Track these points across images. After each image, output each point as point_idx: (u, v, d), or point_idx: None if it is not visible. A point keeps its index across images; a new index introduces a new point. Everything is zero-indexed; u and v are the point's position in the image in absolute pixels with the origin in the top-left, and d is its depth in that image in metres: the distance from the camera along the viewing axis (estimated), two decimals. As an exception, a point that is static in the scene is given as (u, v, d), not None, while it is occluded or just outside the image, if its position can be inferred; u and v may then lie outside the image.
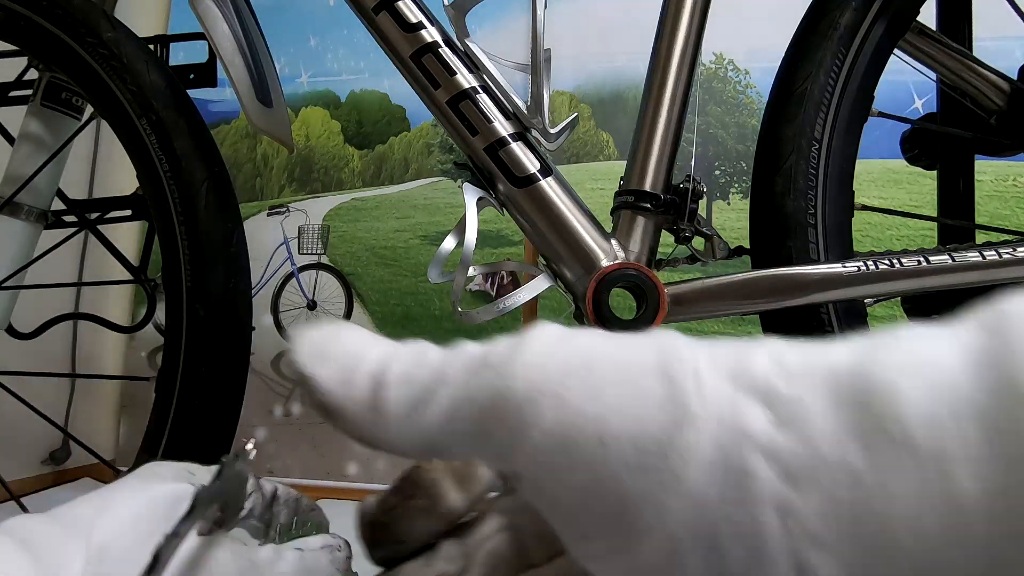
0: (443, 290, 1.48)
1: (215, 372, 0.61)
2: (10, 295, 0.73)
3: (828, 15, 0.59)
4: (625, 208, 0.59)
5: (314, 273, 1.58)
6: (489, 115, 0.58)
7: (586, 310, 0.56)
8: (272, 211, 1.63)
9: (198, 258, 0.62)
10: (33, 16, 0.65)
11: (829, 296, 0.54)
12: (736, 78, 1.44)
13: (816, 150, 0.58)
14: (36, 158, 0.73)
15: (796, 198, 0.57)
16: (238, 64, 0.61)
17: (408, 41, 0.58)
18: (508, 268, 0.63)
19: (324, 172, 1.63)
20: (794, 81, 0.59)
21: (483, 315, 0.57)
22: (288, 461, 1.51)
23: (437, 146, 1.58)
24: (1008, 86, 0.71)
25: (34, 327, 0.77)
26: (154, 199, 0.64)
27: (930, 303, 0.77)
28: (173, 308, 0.63)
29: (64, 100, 0.74)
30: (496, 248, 1.48)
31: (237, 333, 0.63)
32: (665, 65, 0.59)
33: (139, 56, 0.64)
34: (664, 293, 0.55)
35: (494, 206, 0.60)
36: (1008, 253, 0.53)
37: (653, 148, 0.59)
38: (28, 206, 0.73)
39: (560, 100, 1.51)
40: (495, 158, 0.58)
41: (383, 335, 0.20)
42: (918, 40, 0.70)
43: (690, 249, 0.60)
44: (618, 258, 0.57)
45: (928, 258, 0.54)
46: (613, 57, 1.50)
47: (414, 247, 1.54)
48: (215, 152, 0.66)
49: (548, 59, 0.59)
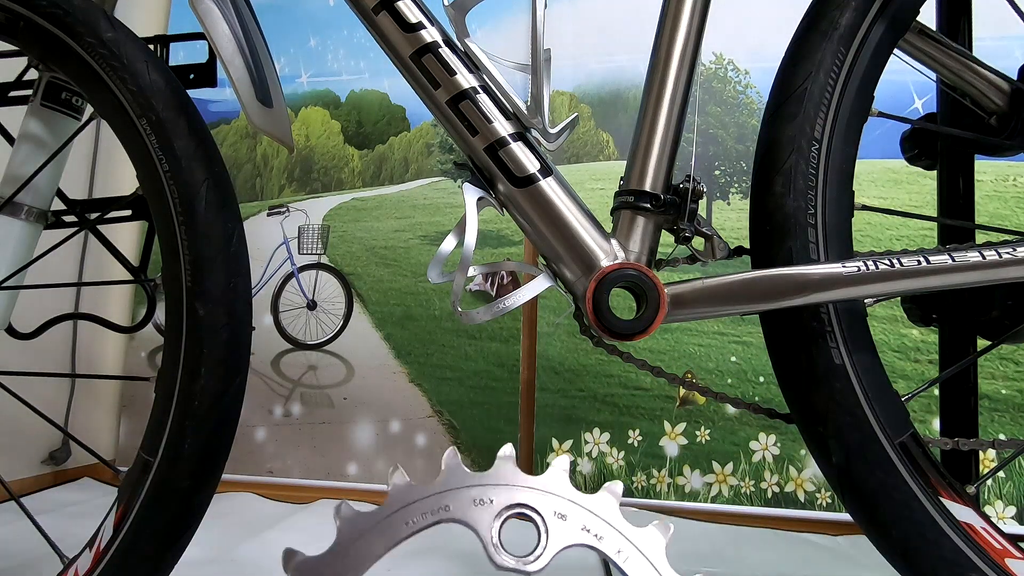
0: (443, 290, 1.48)
1: (215, 372, 0.61)
2: (10, 295, 0.73)
3: (828, 15, 0.59)
4: (625, 208, 0.59)
5: (314, 273, 1.58)
6: (489, 115, 0.58)
7: (586, 310, 0.56)
8: (272, 211, 1.63)
9: (198, 258, 0.62)
10: (33, 16, 0.65)
11: (829, 296, 0.54)
12: (736, 78, 1.44)
13: (816, 150, 0.58)
14: (36, 158, 0.73)
15: (796, 198, 0.57)
16: (238, 64, 0.61)
17: (408, 41, 0.58)
18: (508, 268, 0.63)
19: (324, 172, 1.63)
20: (794, 81, 0.59)
21: (483, 315, 0.57)
22: (288, 461, 1.51)
23: (437, 146, 1.58)
24: (1008, 86, 0.71)
25: (34, 327, 0.77)
26: (154, 199, 0.64)
27: (930, 303, 0.77)
28: (173, 308, 0.63)
29: (64, 100, 0.74)
30: (496, 248, 1.48)
31: (237, 333, 0.63)
32: (665, 65, 0.59)
33: (139, 56, 0.64)
34: (664, 293, 0.55)
35: (494, 206, 0.60)
36: (1008, 253, 0.53)
37: (653, 148, 0.59)
38: (28, 206, 0.73)
39: (560, 100, 1.51)
40: (495, 158, 0.58)
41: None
42: (918, 40, 0.70)
43: (690, 249, 0.60)
44: (618, 258, 0.57)
45: (928, 258, 0.54)
46: (613, 57, 1.50)
47: (414, 247, 1.54)
48: (215, 152, 0.66)
49: (548, 59, 0.59)
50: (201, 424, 0.61)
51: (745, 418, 1.34)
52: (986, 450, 1.16)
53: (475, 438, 1.44)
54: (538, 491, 0.51)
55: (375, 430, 1.49)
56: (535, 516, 0.50)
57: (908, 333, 1.31)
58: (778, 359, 0.60)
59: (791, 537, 1.24)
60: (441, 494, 0.51)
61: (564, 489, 0.51)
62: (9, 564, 0.98)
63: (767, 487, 1.32)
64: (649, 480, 1.36)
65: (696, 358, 1.39)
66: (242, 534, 1.15)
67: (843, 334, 0.57)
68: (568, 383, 1.41)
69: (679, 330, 1.40)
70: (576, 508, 0.50)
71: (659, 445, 1.37)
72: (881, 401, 0.56)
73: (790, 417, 0.61)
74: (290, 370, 1.55)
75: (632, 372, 1.39)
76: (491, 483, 0.51)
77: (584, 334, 0.61)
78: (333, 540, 0.50)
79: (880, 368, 0.58)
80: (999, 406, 1.26)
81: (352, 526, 0.50)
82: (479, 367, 1.45)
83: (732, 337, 1.38)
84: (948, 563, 0.53)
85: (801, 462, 1.32)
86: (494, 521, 0.50)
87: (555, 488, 0.51)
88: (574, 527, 0.50)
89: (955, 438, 0.63)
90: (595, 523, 0.50)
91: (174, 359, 0.62)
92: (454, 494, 0.51)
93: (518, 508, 0.51)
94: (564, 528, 0.50)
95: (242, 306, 0.64)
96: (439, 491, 0.51)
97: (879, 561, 0.56)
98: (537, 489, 0.51)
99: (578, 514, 0.50)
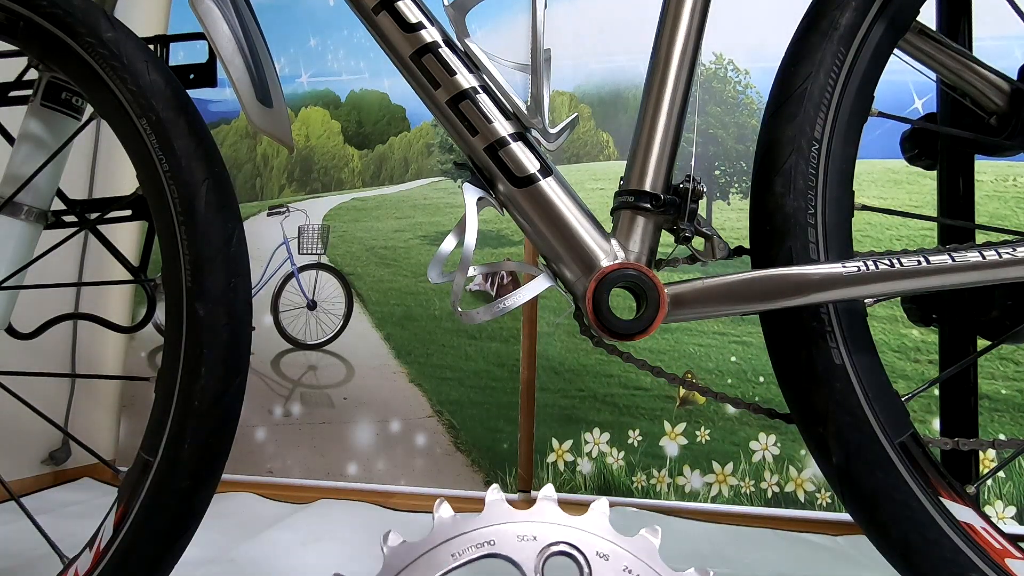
0: (443, 290, 1.48)
1: (215, 372, 0.61)
2: (10, 295, 0.73)
3: (828, 15, 0.59)
4: (625, 208, 0.59)
5: (314, 273, 1.58)
6: (489, 115, 0.58)
7: (586, 310, 0.56)
8: (272, 211, 1.63)
9: (198, 258, 0.62)
10: (33, 16, 0.65)
11: (829, 296, 0.54)
12: (736, 78, 1.44)
13: (816, 150, 0.58)
14: (36, 158, 0.73)
15: (796, 198, 0.57)
16: (238, 64, 0.61)
17: (408, 41, 0.58)
18: (508, 268, 0.63)
19: (324, 172, 1.63)
20: (794, 81, 0.59)
21: (483, 315, 0.57)
22: (288, 461, 1.51)
23: (437, 146, 1.58)
24: (1008, 86, 0.71)
25: (34, 327, 0.77)
26: (154, 199, 0.64)
27: (930, 303, 0.77)
28: (173, 308, 0.63)
29: (64, 100, 0.74)
30: (496, 248, 1.48)
31: (237, 333, 0.63)
32: (665, 65, 0.59)
33: (139, 56, 0.64)
34: (664, 293, 0.55)
35: (494, 206, 0.60)
36: (1008, 253, 0.53)
37: (653, 148, 0.59)
38: (28, 206, 0.73)
39: (560, 100, 1.51)
40: (495, 158, 0.58)
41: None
42: (918, 40, 0.70)
43: (690, 249, 0.60)
44: (618, 258, 0.57)
45: (928, 258, 0.54)
46: (613, 57, 1.50)
47: (414, 247, 1.54)
48: (215, 152, 0.66)
49: (548, 59, 0.59)
50: (201, 424, 0.61)
51: (745, 418, 1.34)
52: (986, 450, 1.16)
53: (475, 438, 1.44)
54: (581, 531, 0.52)
55: (375, 430, 1.49)
56: (578, 555, 0.52)
57: (908, 333, 1.31)
58: (778, 359, 0.60)
59: (791, 537, 1.24)
60: (486, 528, 0.52)
61: (605, 530, 0.53)
62: (9, 564, 0.98)
63: (767, 487, 1.32)
64: (649, 480, 1.36)
65: (696, 358, 1.39)
66: (242, 534, 1.15)
67: (843, 334, 0.57)
68: (568, 383, 1.42)
69: (679, 330, 1.40)
70: (618, 549, 0.52)
71: (659, 445, 1.37)
72: (881, 401, 0.56)
73: (790, 417, 0.61)
74: (290, 370, 1.55)
75: (632, 372, 1.39)
76: (535, 520, 0.52)
77: (584, 334, 0.61)
78: (380, 568, 0.51)
79: (880, 368, 0.58)
80: (999, 406, 1.26)
81: (398, 557, 0.51)
82: (479, 367, 1.45)
83: (732, 337, 1.38)
84: (948, 563, 0.53)
85: (801, 462, 1.32)
86: (538, 558, 0.51)
87: (596, 529, 0.53)
88: (615, 568, 0.51)
89: (955, 438, 0.63)
90: (636, 565, 0.51)
91: (174, 359, 0.62)
92: (498, 529, 0.52)
93: (562, 546, 0.52)
94: (606, 568, 0.51)
95: (242, 306, 0.64)
96: (484, 525, 0.52)
97: (879, 561, 0.57)
98: (580, 529, 0.52)
99: (620, 555, 0.52)
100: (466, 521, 0.52)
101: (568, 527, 0.52)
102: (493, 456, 1.42)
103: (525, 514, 0.53)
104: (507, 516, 0.52)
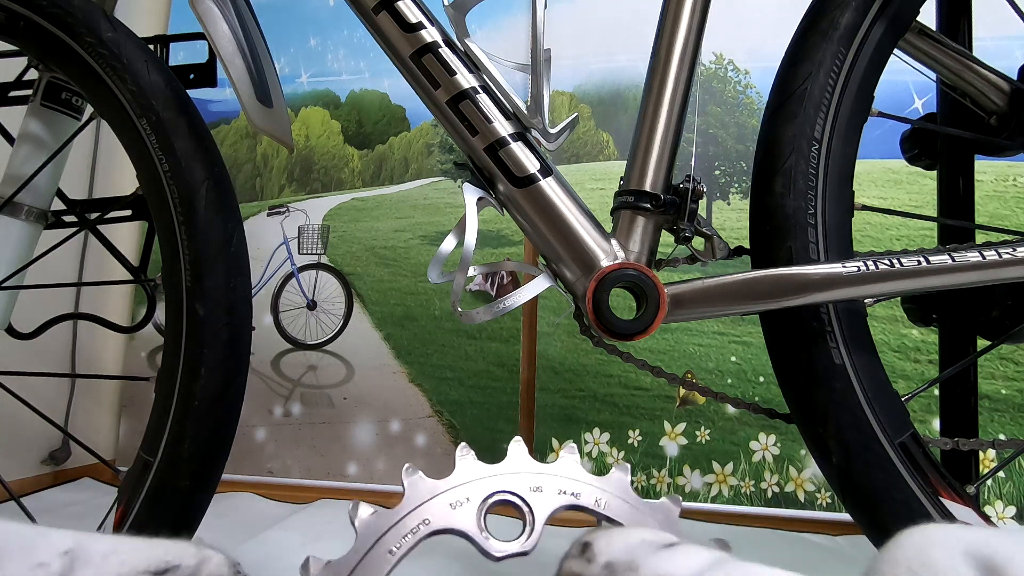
0: (443, 290, 1.48)
1: (215, 372, 0.61)
2: (10, 295, 0.73)
3: (828, 15, 0.59)
4: (625, 208, 0.59)
5: (314, 273, 1.58)
6: (489, 115, 0.58)
7: (586, 310, 0.56)
8: (272, 211, 1.63)
9: (198, 258, 0.62)
10: (33, 16, 0.65)
11: (829, 296, 0.54)
12: (736, 78, 1.44)
13: (816, 150, 0.58)
14: (36, 158, 0.73)
15: (796, 198, 0.57)
16: (238, 64, 0.61)
17: (408, 41, 0.58)
18: (508, 268, 0.63)
19: (324, 172, 1.63)
20: (794, 81, 0.59)
21: (483, 315, 0.57)
22: (288, 461, 1.51)
23: (437, 146, 1.58)
24: (1008, 86, 0.71)
25: (34, 327, 0.77)
26: (154, 199, 0.64)
27: (930, 303, 0.77)
28: (173, 308, 0.63)
29: (64, 100, 0.74)
30: (496, 248, 1.48)
31: (237, 333, 0.63)
32: (665, 65, 0.59)
33: (139, 56, 0.64)
34: (664, 293, 0.55)
35: (494, 206, 0.60)
36: (1008, 253, 0.53)
37: (653, 148, 0.59)
38: (28, 206, 0.73)
39: (560, 100, 1.51)
40: (495, 158, 0.58)
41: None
42: (918, 40, 0.70)
43: (690, 249, 0.60)
44: (618, 258, 0.57)
45: (928, 258, 0.54)
46: (613, 57, 1.50)
47: (414, 247, 1.54)
48: (215, 152, 0.66)
49: (548, 59, 0.59)
50: (201, 424, 0.61)
51: (745, 418, 1.34)
52: (986, 450, 1.16)
53: (475, 438, 1.44)
54: (509, 475, 0.52)
55: (375, 430, 1.49)
56: (514, 499, 0.51)
57: (908, 333, 1.31)
58: (778, 359, 0.60)
59: (791, 537, 1.24)
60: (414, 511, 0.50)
61: (530, 466, 0.52)
62: (9, 564, 0.98)
63: (767, 487, 1.32)
64: (649, 480, 1.36)
65: (696, 358, 1.39)
66: (242, 534, 1.15)
67: (843, 334, 0.57)
68: (568, 383, 1.41)
69: (679, 330, 1.40)
70: (548, 478, 0.52)
71: (659, 445, 1.37)
72: (881, 401, 0.56)
73: (790, 417, 0.61)
74: (290, 370, 1.55)
75: (632, 372, 1.39)
76: (460, 483, 0.51)
77: (584, 334, 0.61)
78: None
79: (880, 368, 0.58)
80: (999, 406, 1.25)
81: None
82: (479, 367, 1.45)
83: (732, 337, 1.38)
84: (948, 563, 0.53)
85: (801, 462, 1.32)
86: (477, 516, 0.50)
87: (521, 468, 0.52)
88: (551, 494, 0.51)
89: (955, 438, 0.63)
90: (568, 484, 0.52)
91: (174, 359, 0.62)
92: (426, 507, 0.50)
93: (496, 496, 0.51)
94: (543, 499, 0.51)
95: (242, 306, 0.64)
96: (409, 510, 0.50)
97: (879, 561, 0.56)
98: (507, 473, 0.52)
99: (551, 482, 0.52)
100: (391, 513, 0.50)
101: (495, 476, 0.52)
102: (493, 456, 1.42)
103: (446, 482, 0.51)
104: (430, 491, 0.51)
